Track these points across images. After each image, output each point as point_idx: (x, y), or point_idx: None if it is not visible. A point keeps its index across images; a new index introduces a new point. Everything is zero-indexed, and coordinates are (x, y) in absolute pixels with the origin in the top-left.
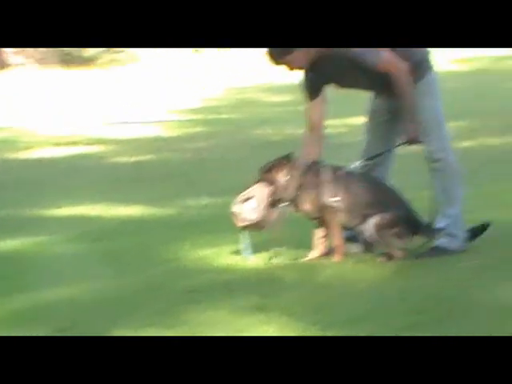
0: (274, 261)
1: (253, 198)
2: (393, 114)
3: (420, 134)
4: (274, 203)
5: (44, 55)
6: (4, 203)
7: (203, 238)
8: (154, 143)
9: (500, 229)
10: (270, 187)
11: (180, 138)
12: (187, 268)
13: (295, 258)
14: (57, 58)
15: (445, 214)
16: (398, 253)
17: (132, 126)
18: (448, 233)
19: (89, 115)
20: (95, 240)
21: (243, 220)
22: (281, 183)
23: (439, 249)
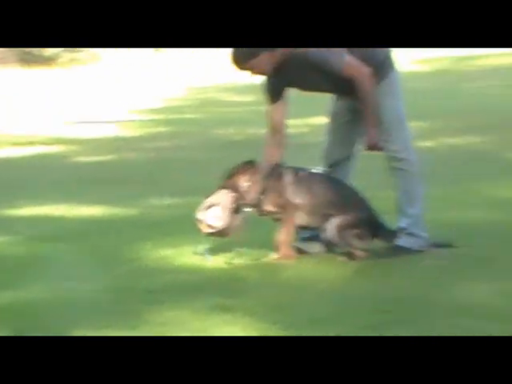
0: (236, 261)
1: (217, 206)
2: (354, 115)
3: (381, 140)
4: (238, 209)
5: (3, 54)
6: None
7: (166, 239)
8: (116, 143)
9: (459, 229)
10: (234, 194)
11: (142, 138)
12: (149, 268)
13: (257, 259)
14: (16, 58)
15: (406, 214)
16: (360, 253)
17: (93, 126)
18: (409, 232)
19: (49, 115)
20: (57, 240)
21: (208, 228)
22: (244, 189)
23: (400, 248)
